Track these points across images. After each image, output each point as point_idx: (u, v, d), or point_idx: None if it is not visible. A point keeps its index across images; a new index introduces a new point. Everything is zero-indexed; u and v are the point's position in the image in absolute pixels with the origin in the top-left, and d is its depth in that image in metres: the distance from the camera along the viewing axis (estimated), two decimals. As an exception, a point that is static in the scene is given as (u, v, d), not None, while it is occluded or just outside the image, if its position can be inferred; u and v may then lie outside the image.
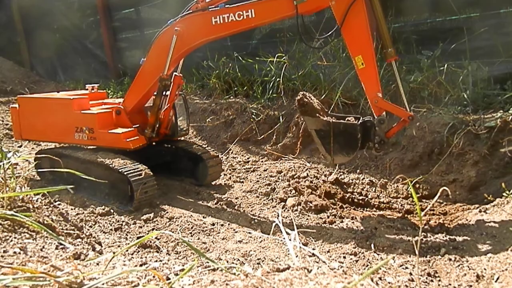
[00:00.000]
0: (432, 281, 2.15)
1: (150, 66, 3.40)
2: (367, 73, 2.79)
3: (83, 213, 2.95)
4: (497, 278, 2.01)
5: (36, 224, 1.61)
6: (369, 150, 2.92)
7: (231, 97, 5.41)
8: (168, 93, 3.45)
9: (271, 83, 5.02)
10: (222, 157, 4.40)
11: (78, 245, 1.86)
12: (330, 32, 2.97)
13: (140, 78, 3.49)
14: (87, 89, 3.89)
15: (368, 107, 4.11)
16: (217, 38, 3.19)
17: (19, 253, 1.40)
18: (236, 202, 3.30)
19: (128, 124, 3.47)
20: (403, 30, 4.49)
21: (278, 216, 2.95)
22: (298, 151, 4.30)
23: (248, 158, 4.48)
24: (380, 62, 4.32)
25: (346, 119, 3.02)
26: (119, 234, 2.76)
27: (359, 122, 2.88)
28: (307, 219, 2.96)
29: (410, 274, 2.16)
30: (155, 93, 3.43)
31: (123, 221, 2.92)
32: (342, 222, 2.93)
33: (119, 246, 2.53)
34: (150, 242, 2.51)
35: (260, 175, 3.92)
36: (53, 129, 3.62)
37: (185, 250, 2.50)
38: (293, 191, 3.31)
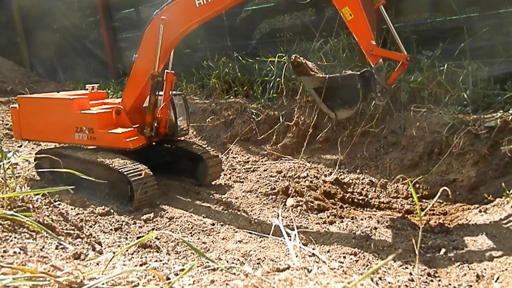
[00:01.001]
0: (432, 281, 2.15)
1: (142, 62, 3.38)
2: (356, 23, 2.72)
3: (83, 213, 2.95)
4: (497, 278, 2.01)
5: (36, 224, 1.61)
6: (372, 100, 2.88)
7: (231, 97, 5.41)
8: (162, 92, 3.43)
9: (271, 83, 5.02)
10: (222, 157, 4.40)
11: (78, 245, 1.86)
12: None
13: (133, 76, 3.48)
14: (87, 89, 3.89)
15: (368, 106, 4.12)
16: (203, 20, 3.14)
17: (19, 253, 1.40)
18: (236, 202, 3.30)
19: (128, 124, 3.46)
20: (403, 30, 4.49)
21: (278, 216, 2.95)
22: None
23: (248, 158, 4.49)
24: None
25: (343, 72, 2.99)
26: (119, 234, 2.76)
27: (357, 73, 2.84)
28: (307, 219, 2.95)
29: (410, 274, 2.16)
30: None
31: (123, 221, 2.92)
32: (342, 222, 2.93)
33: (119, 246, 2.53)
34: (150, 242, 2.51)
35: (260, 175, 3.92)
36: (53, 129, 3.62)
37: (185, 250, 2.50)
38: (293, 191, 3.31)
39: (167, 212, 3.08)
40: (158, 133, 3.53)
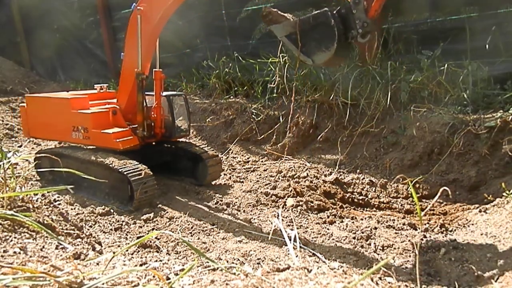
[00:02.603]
0: (432, 281, 2.15)
1: (128, 60, 3.38)
2: None
3: (83, 213, 2.95)
4: (497, 278, 2.01)
5: (36, 224, 1.61)
6: (354, 39, 2.50)
7: (231, 97, 5.41)
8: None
9: (272, 83, 5.02)
10: (222, 157, 4.40)
11: (78, 245, 1.86)
12: None
13: (123, 75, 3.47)
14: (95, 89, 3.89)
15: (368, 106, 4.12)
16: (178, 2, 3.08)
17: (19, 253, 1.40)
18: (236, 202, 3.30)
19: (123, 124, 3.45)
20: (403, 30, 4.49)
21: (278, 216, 2.95)
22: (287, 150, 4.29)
23: (248, 158, 4.48)
24: (381, 62, 4.33)
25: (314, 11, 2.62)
26: (119, 234, 2.76)
27: (333, 11, 2.51)
28: (307, 219, 2.95)
29: (410, 274, 2.16)
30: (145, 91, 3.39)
31: (123, 221, 2.92)
32: (342, 222, 2.93)
33: (119, 246, 2.53)
34: (150, 242, 2.51)
35: (260, 175, 3.92)
36: (54, 127, 3.65)
37: (185, 250, 2.50)
38: (293, 191, 3.31)
39: (167, 212, 3.08)
40: (154, 133, 3.49)
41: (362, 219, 2.97)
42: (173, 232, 2.77)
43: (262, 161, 4.39)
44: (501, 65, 3.83)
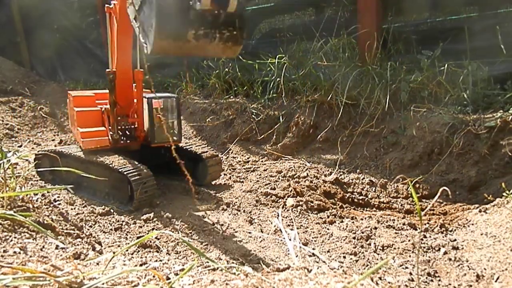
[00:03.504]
0: (432, 281, 2.15)
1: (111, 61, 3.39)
2: None
3: (83, 213, 2.95)
4: (497, 278, 2.01)
5: (35, 225, 1.61)
6: (196, 6, 1.76)
7: (231, 97, 5.41)
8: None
9: (271, 83, 5.02)
10: (222, 157, 4.40)
11: (78, 245, 1.86)
12: None
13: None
14: None
15: (368, 106, 4.12)
16: None
17: (19, 253, 1.40)
18: (236, 202, 3.30)
19: (106, 123, 3.46)
20: (403, 30, 4.49)
21: (278, 216, 2.95)
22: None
23: (248, 158, 4.48)
24: (380, 62, 4.33)
25: None
26: (119, 234, 2.76)
27: None
28: (307, 219, 2.95)
29: (410, 274, 2.16)
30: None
31: (123, 221, 2.92)
32: (342, 222, 2.93)
33: (119, 246, 2.53)
34: (150, 242, 2.51)
35: (260, 175, 3.92)
36: (72, 123, 3.79)
37: (185, 250, 2.50)
38: (293, 191, 3.31)
39: (167, 212, 3.08)
40: (135, 136, 3.46)
41: (362, 219, 2.97)
42: (173, 232, 2.77)
43: (262, 161, 4.40)
44: (501, 65, 3.83)
